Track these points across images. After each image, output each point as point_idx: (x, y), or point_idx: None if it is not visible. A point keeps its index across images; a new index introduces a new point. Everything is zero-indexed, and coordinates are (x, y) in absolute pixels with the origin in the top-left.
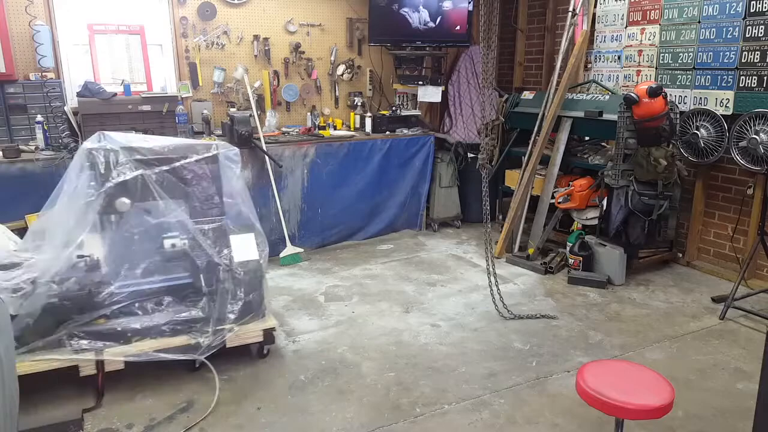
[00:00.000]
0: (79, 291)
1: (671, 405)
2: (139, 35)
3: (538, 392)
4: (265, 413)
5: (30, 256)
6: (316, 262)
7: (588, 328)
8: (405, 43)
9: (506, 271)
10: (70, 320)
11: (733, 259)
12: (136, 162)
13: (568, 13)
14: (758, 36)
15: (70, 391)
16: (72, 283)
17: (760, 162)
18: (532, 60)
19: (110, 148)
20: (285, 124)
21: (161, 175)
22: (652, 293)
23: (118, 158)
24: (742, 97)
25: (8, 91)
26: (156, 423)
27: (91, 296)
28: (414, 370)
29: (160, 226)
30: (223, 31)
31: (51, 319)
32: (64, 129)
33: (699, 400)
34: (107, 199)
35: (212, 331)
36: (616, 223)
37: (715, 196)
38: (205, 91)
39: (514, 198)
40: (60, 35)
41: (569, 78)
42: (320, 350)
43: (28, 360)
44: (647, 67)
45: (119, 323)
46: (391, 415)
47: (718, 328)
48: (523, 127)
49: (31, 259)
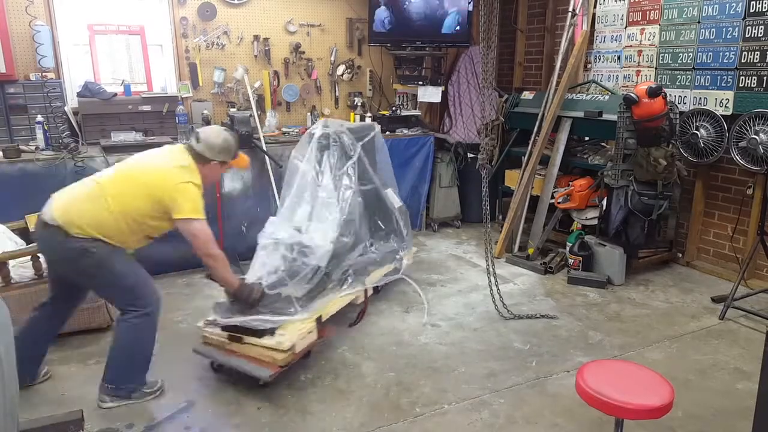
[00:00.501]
0: (346, 244)
1: (671, 405)
2: (139, 35)
3: (537, 392)
4: (265, 413)
5: (304, 225)
6: None
7: (588, 328)
8: (405, 43)
9: (506, 271)
10: (344, 266)
11: (733, 259)
12: (353, 140)
13: (568, 14)
14: (758, 36)
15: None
16: (345, 240)
17: (760, 162)
18: (531, 60)
19: (336, 131)
20: (285, 124)
21: (362, 149)
22: (652, 293)
23: (346, 139)
24: (742, 98)
25: (8, 91)
26: (156, 423)
27: (353, 247)
28: (414, 370)
29: (376, 189)
30: (223, 31)
31: (337, 267)
32: (64, 129)
33: (699, 400)
34: (353, 170)
35: (400, 257)
36: (616, 223)
37: (715, 196)
38: (205, 92)
39: (514, 198)
40: (60, 35)
41: (569, 78)
42: (320, 350)
43: (337, 297)
44: (647, 68)
45: (364, 262)
46: (391, 415)
47: (717, 328)
48: (523, 127)
49: (310, 227)
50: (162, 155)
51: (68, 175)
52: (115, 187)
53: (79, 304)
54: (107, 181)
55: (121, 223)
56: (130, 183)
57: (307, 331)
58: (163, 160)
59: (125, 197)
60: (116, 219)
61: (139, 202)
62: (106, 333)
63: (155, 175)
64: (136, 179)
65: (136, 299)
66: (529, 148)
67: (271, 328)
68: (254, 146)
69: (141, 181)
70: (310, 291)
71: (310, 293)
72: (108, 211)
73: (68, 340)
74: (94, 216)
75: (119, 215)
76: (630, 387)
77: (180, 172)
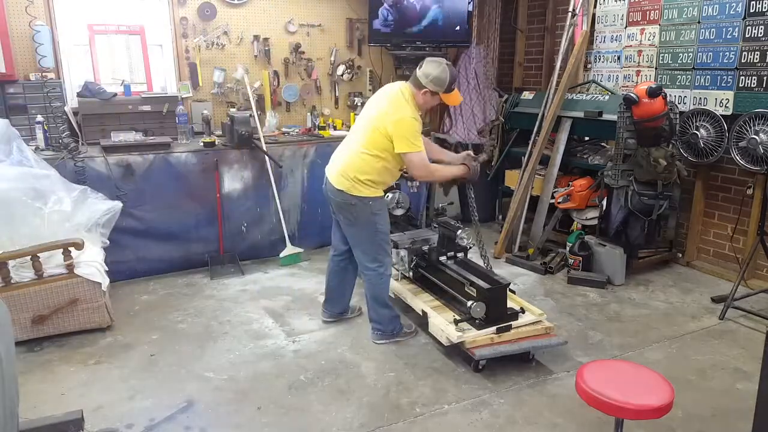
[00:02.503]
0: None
1: (671, 405)
2: (139, 35)
3: (538, 392)
4: (265, 413)
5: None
6: (316, 262)
7: (588, 328)
8: (405, 43)
9: (506, 271)
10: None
11: (733, 259)
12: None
13: (568, 14)
14: (758, 36)
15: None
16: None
17: (760, 162)
18: (531, 60)
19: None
20: (285, 124)
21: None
22: (652, 293)
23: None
24: (742, 98)
25: (8, 92)
26: (156, 423)
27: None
28: (414, 369)
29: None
30: (223, 31)
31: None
32: (64, 129)
33: (699, 400)
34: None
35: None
36: (616, 223)
37: (715, 196)
38: (205, 92)
39: (514, 198)
40: (60, 35)
41: (569, 78)
42: (320, 350)
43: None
44: (647, 68)
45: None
46: (391, 415)
47: (717, 328)
48: (523, 128)
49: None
50: (381, 101)
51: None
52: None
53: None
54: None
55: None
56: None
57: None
58: (383, 104)
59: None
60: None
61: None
62: (106, 333)
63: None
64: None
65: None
66: (529, 148)
67: (516, 311)
68: (254, 146)
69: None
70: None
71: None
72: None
73: (68, 340)
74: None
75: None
76: (630, 387)
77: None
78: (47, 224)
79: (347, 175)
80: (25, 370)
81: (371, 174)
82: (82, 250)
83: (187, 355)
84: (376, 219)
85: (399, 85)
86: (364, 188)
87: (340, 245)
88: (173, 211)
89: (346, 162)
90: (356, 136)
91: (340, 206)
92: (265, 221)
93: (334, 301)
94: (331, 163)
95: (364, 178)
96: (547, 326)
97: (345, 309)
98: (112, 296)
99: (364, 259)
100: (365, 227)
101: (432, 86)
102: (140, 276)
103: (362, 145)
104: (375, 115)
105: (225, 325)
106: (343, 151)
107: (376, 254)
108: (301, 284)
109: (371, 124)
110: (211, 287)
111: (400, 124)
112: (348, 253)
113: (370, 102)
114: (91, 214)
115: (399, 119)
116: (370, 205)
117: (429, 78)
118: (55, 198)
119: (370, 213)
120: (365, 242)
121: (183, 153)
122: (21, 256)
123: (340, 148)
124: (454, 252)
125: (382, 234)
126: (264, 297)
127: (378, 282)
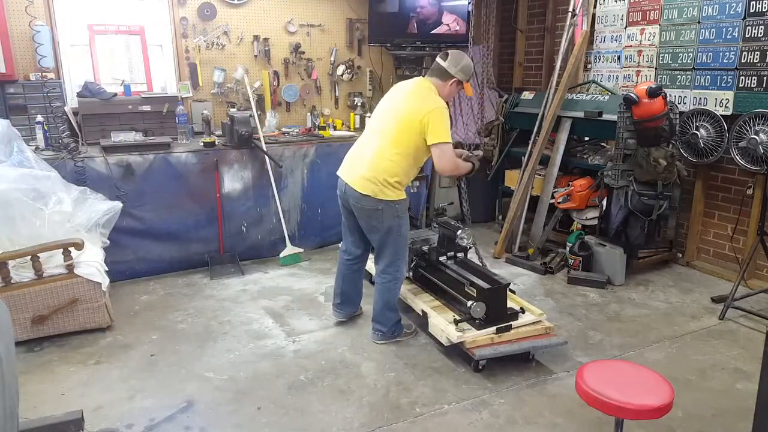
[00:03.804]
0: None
1: (671, 405)
2: (139, 36)
3: (537, 392)
4: (265, 413)
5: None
6: (316, 262)
7: (588, 328)
8: (405, 43)
9: (506, 272)
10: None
11: (733, 259)
12: None
13: (568, 14)
14: (758, 36)
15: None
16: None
17: (760, 162)
18: (531, 60)
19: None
20: (285, 124)
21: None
22: (652, 293)
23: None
24: (742, 98)
25: (8, 92)
26: (156, 423)
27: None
28: (414, 369)
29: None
30: (223, 31)
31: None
32: (64, 129)
33: (699, 400)
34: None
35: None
36: (616, 223)
37: (715, 197)
38: (205, 92)
39: (514, 198)
40: (60, 35)
41: (569, 78)
42: (320, 350)
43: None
44: (647, 68)
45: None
46: (391, 415)
47: (717, 328)
48: (523, 128)
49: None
50: (405, 97)
51: (68, 176)
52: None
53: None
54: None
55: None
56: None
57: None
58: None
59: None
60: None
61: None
62: (106, 333)
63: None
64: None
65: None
66: (529, 148)
67: (516, 311)
68: (254, 146)
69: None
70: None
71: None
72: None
73: (68, 340)
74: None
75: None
76: (630, 387)
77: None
78: (48, 224)
79: (376, 179)
80: (25, 370)
81: (399, 175)
82: (82, 250)
83: (187, 355)
84: (401, 222)
85: (419, 80)
86: (391, 191)
87: (353, 249)
88: (173, 211)
89: (373, 165)
90: (380, 136)
91: (365, 212)
92: (265, 221)
93: (350, 302)
94: (348, 167)
95: (393, 181)
96: (547, 326)
97: (356, 304)
98: (112, 296)
99: (383, 263)
100: (390, 232)
101: (461, 75)
102: (140, 276)
103: (391, 145)
104: (404, 111)
105: (225, 325)
106: (364, 153)
107: (396, 258)
108: (301, 284)
109: (400, 122)
110: (211, 287)
111: (437, 114)
112: (362, 257)
113: (389, 101)
114: (91, 215)
115: (435, 109)
116: (396, 208)
117: (458, 67)
118: (56, 199)
119: (395, 216)
120: (389, 246)
121: (183, 153)
122: (21, 256)
123: (358, 150)
124: (454, 252)
125: (404, 238)
126: (264, 297)
127: (392, 287)
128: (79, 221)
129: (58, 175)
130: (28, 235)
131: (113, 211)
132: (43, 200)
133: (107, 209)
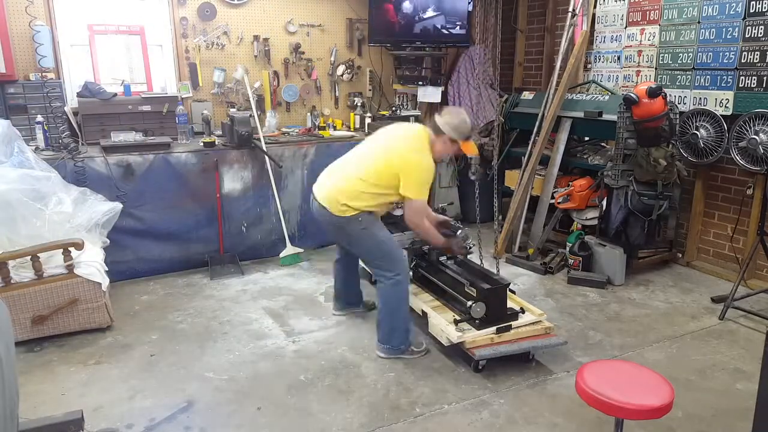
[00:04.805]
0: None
1: (671, 405)
2: (139, 36)
3: (537, 392)
4: (265, 413)
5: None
6: (316, 263)
7: (588, 328)
8: (405, 43)
9: (506, 272)
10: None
11: (733, 259)
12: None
13: (568, 14)
14: (758, 36)
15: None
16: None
17: (760, 162)
18: (531, 60)
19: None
20: (285, 124)
21: None
22: (652, 293)
23: None
24: (742, 98)
25: (8, 92)
26: (156, 423)
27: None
28: (414, 370)
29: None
30: (223, 31)
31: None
32: (64, 129)
33: (699, 400)
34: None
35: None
36: (616, 223)
37: (715, 197)
38: (205, 92)
39: (514, 198)
40: (60, 35)
41: (569, 78)
42: (320, 350)
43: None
44: (647, 68)
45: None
46: (391, 415)
47: (717, 328)
48: (523, 128)
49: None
50: (398, 137)
51: (68, 176)
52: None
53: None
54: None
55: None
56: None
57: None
58: (399, 143)
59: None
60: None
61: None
62: (106, 333)
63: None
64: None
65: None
66: (529, 148)
67: (516, 311)
68: (254, 146)
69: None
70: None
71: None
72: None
73: (68, 340)
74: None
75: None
76: (630, 387)
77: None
78: (48, 225)
79: (337, 200)
80: (25, 370)
81: (363, 202)
82: (82, 250)
83: (187, 355)
84: (374, 231)
85: (419, 127)
86: (350, 211)
87: (340, 248)
88: (173, 211)
89: (338, 187)
90: (358, 163)
91: (329, 227)
92: (265, 221)
93: (347, 300)
94: (320, 184)
95: (354, 205)
96: (547, 326)
97: (354, 301)
98: (112, 296)
99: (378, 271)
100: (365, 241)
101: (455, 134)
102: (140, 276)
103: (362, 174)
104: (390, 149)
105: (225, 325)
106: (335, 174)
107: (388, 262)
108: (301, 284)
109: (381, 158)
110: (211, 287)
111: (418, 168)
112: (351, 254)
113: (383, 135)
114: (91, 215)
115: (418, 164)
116: (359, 221)
117: (451, 126)
118: (56, 199)
119: (360, 229)
120: (373, 254)
121: (183, 153)
122: (21, 256)
123: (333, 170)
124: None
125: (386, 242)
126: (264, 297)
127: (393, 292)
128: (79, 221)
129: (59, 176)
130: (28, 235)
131: (113, 212)
132: (43, 201)
133: (107, 210)
